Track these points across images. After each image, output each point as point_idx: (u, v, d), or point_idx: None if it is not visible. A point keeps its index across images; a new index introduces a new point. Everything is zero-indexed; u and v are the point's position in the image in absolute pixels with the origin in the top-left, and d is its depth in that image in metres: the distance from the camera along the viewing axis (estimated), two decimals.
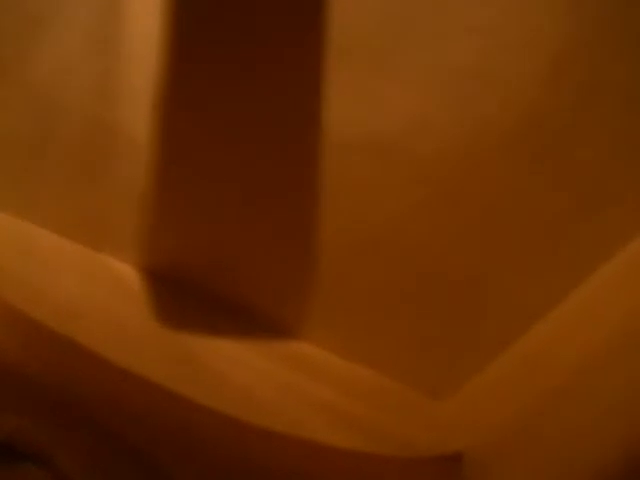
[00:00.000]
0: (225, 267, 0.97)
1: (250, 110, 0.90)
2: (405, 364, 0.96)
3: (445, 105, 0.85)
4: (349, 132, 0.88)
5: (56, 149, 0.95)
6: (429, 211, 0.90)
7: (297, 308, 0.98)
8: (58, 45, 0.91)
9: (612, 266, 0.84)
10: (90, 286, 0.95)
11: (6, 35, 0.91)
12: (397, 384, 0.96)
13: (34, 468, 0.75)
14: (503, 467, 0.84)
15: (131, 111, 0.92)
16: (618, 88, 0.82)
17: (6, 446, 0.75)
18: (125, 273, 0.98)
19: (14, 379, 0.78)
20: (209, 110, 0.91)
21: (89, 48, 0.91)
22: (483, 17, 0.81)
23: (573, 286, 0.86)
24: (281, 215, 0.94)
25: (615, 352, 0.77)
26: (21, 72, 0.91)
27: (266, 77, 0.88)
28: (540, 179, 0.87)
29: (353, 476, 0.86)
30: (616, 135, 0.83)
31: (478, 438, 0.88)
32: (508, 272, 0.90)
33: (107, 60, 0.92)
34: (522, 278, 0.90)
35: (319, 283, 0.95)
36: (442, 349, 0.95)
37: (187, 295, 0.98)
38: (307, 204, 0.92)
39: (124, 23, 0.90)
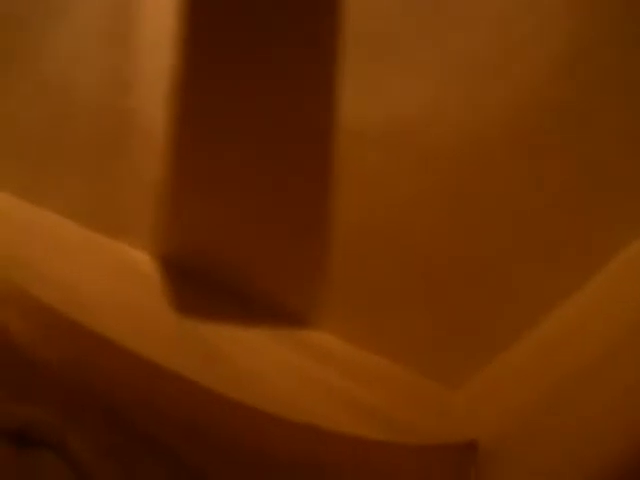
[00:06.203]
0: (240, 255, 0.98)
1: (264, 100, 0.90)
2: (419, 353, 0.96)
3: (455, 94, 0.85)
4: (361, 121, 0.88)
5: (72, 138, 0.96)
6: (443, 199, 0.90)
7: (312, 297, 0.98)
8: (73, 35, 0.92)
9: (624, 258, 0.84)
10: (106, 274, 0.95)
11: (22, 26, 0.92)
12: (411, 373, 0.97)
13: (48, 455, 0.76)
14: (517, 455, 0.83)
15: (146, 100, 0.93)
16: (625, 82, 0.82)
17: (21, 434, 0.75)
18: (141, 261, 0.99)
19: (28, 367, 0.78)
20: (223, 100, 0.91)
21: (104, 38, 0.92)
22: (492, 8, 0.81)
23: (586, 277, 0.86)
24: (295, 204, 0.94)
25: (628, 342, 0.76)
26: (37, 63, 0.92)
27: (280, 67, 0.88)
28: (550, 166, 0.86)
29: (366, 464, 0.86)
30: (622, 127, 0.83)
31: (492, 427, 0.88)
32: (521, 262, 0.90)
33: (122, 50, 0.92)
34: (536, 267, 0.89)
35: (334, 272, 0.96)
36: (456, 338, 0.95)
37: (202, 283, 0.98)
38: (321, 193, 0.92)
39: (138, 14, 0.90)
